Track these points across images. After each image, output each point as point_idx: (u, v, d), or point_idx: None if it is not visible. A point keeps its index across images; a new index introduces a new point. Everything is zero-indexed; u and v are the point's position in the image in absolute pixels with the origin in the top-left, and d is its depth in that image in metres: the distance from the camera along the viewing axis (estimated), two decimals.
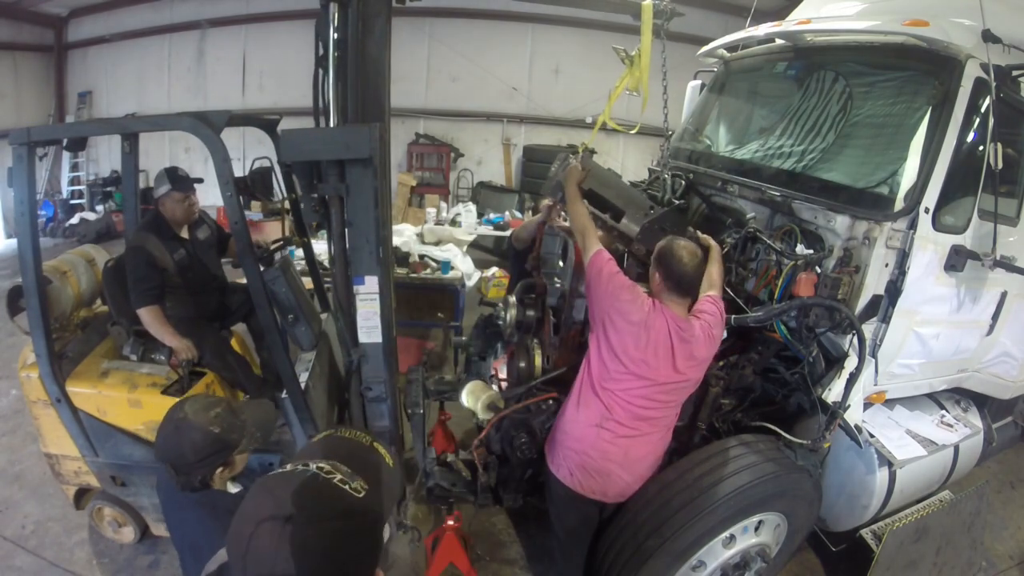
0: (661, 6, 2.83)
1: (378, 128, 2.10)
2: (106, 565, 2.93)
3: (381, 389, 2.43)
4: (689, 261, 2.14)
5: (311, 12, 2.12)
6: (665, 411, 2.28)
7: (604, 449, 2.24)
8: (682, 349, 2.11)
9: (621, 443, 2.24)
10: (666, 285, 2.16)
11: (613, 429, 2.22)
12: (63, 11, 9.54)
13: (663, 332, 2.09)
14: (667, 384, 2.16)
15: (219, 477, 1.61)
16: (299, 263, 3.78)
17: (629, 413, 2.20)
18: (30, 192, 2.34)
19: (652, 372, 2.12)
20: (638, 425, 2.23)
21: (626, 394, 2.17)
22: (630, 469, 2.30)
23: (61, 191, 9.90)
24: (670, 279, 2.15)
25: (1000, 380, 3.02)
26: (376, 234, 2.20)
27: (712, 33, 3.95)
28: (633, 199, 2.67)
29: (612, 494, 2.33)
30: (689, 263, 2.14)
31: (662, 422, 2.30)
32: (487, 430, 2.65)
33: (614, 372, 2.16)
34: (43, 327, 2.47)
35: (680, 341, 2.10)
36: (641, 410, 2.20)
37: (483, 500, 2.84)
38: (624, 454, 2.26)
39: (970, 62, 2.27)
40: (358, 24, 2.19)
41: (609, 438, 2.23)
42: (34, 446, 3.25)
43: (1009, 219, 2.54)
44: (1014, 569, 3.29)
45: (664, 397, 2.21)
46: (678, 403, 2.32)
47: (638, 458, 2.30)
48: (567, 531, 2.46)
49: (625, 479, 2.31)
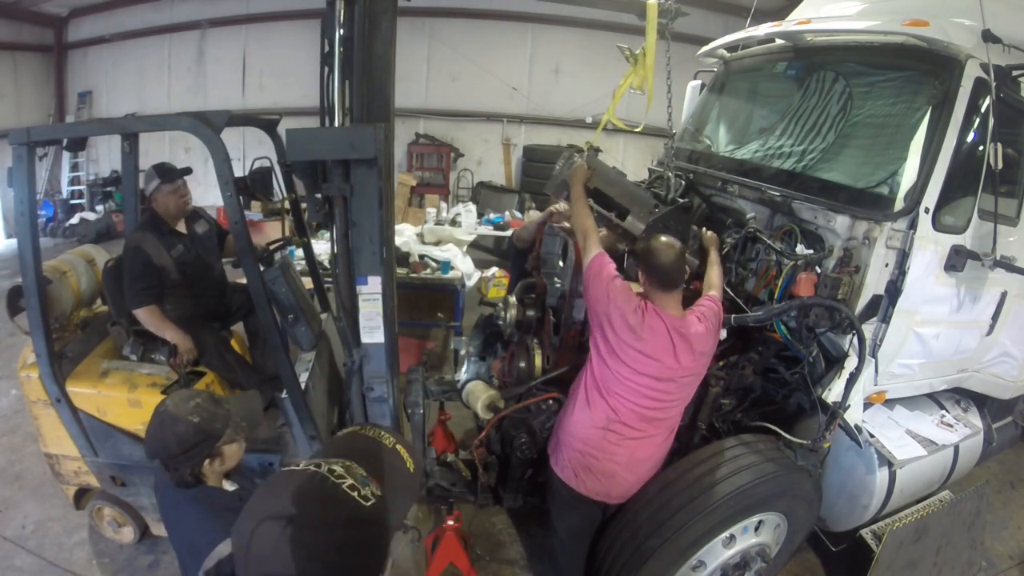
0: (666, 5, 2.82)
1: (383, 128, 2.11)
2: (106, 565, 2.93)
3: (383, 389, 2.43)
4: (665, 253, 2.15)
5: (311, 12, 2.13)
6: (670, 411, 2.29)
7: (610, 451, 2.25)
8: (681, 342, 2.12)
9: (627, 445, 2.25)
10: (651, 282, 2.18)
11: (619, 431, 2.23)
12: (63, 11, 9.55)
13: (661, 329, 2.11)
14: (669, 380, 2.17)
15: (211, 471, 1.61)
16: (299, 263, 3.78)
17: (635, 415, 2.21)
18: (30, 192, 2.34)
19: (653, 368, 2.13)
20: (644, 427, 2.24)
21: (631, 395, 2.18)
22: (634, 470, 2.31)
23: (61, 191, 9.90)
24: (652, 276, 2.17)
25: (1000, 380, 3.02)
26: (380, 234, 2.20)
27: (712, 33, 3.94)
28: (638, 198, 2.67)
29: (616, 495, 2.34)
30: (665, 256, 2.14)
31: (666, 423, 2.31)
32: (487, 430, 2.65)
33: (616, 372, 2.17)
34: (43, 327, 2.47)
35: (678, 335, 2.12)
36: (646, 411, 2.21)
37: (483, 500, 2.85)
38: (630, 455, 2.27)
39: (970, 62, 2.27)
40: (364, 22, 2.19)
41: (615, 440, 2.23)
42: (34, 446, 3.25)
43: (1009, 219, 2.54)
44: (1014, 569, 3.29)
45: (668, 396, 2.21)
46: (683, 401, 2.33)
47: (642, 459, 2.31)
48: (569, 532, 2.47)
49: (629, 480, 2.32)
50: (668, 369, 2.14)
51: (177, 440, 1.54)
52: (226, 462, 1.65)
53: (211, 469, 1.61)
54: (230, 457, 1.65)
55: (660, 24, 2.79)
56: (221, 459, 1.63)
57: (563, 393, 2.54)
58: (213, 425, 1.59)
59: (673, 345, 2.12)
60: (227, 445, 1.63)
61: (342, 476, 0.82)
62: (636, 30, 2.87)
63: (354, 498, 0.80)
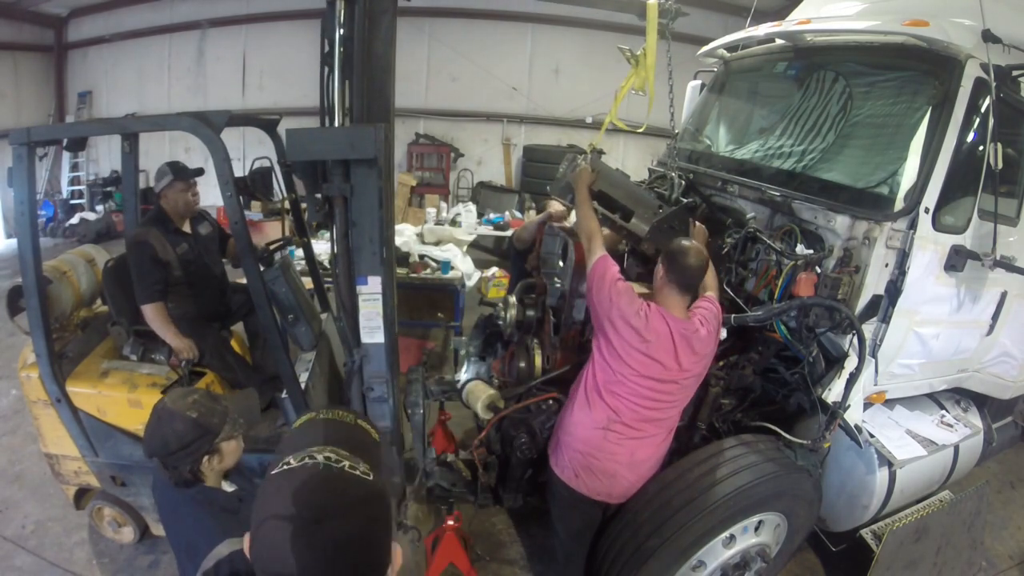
0: (666, 5, 2.82)
1: (383, 128, 2.11)
2: (106, 565, 2.93)
3: (383, 389, 2.44)
4: (696, 261, 2.18)
5: (311, 12, 2.13)
6: (670, 411, 2.29)
7: (611, 451, 2.25)
8: (684, 345, 2.13)
9: (628, 444, 2.25)
10: (669, 278, 2.19)
11: (620, 431, 2.23)
12: (63, 11, 9.55)
13: (664, 331, 2.11)
14: (671, 382, 2.18)
15: (209, 469, 1.61)
16: (299, 263, 3.78)
17: (636, 415, 2.21)
18: (30, 192, 2.34)
19: (656, 371, 2.13)
20: (644, 427, 2.24)
21: (632, 395, 2.18)
22: (635, 470, 2.32)
23: (61, 191, 9.90)
24: (674, 273, 2.18)
25: (1000, 380, 3.02)
26: (380, 234, 2.20)
27: (712, 33, 3.94)
28: (642, 199, 2.69)
29: (616, 495, 2.35)
30: (695, 262, 2.18)
31: (667, 423, 2.31)
32: (487, 430, 2.65)
33: (619, 374, 2.17)
34: (43, 327, 2.47)
35: (681, 338, 2.12)
36: (647, 411, 2.21)
37: (483, 500, 2.85)
38: (630, 455, 2.27)
39: (970, 62, 2.27)
40: (364, 22, 2.19)
41: (616, 439, 2.24)
42: (34, 446, 3.25)
43: (1009, 219, 2.54)
44: (1014, 569, 3.29)
45: (669, 397, 2.22)
46: (683, 402, 2.34)
47: (643, 459, 2.32)
48: (569, 532, 2.47)
49: (630, 479, 2.33)
50: (670, 371, 2.15)
51: (175, 436, 1.54)
52: (225, 460, 1.64)
53: (210, 467, 1.61)
54: (229, 455, 1.65)
55: (660, 24, 2.79)
56: (220, 456, 1.62)
57: (563, 393, 2.54)
58: (211, 420, 1.59)
59: (675, 348, 2.12)
60: (225, 442, 1.63)
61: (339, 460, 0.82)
62: (636, 30, 2.86)
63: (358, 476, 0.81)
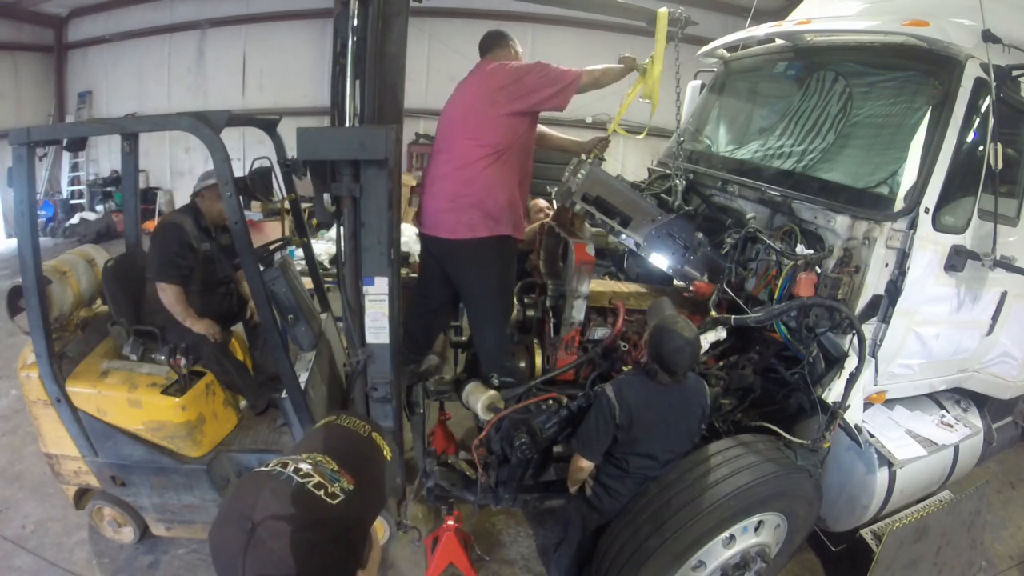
0: (676, 14, 2.81)
1: (394, 130, 2.12)
2: (106, 565, 2.93)
3: (387, 389, 2.44)
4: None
5: (311, 12, 2.13)
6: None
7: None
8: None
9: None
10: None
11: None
12: (63, 11, 9.55)
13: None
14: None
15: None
16: (299, 263, 3.77)
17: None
18: (30, 192, 2.34)
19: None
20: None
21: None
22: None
23: (61, 191, 9.91)
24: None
25: (1000, 380, 3.02)
26: (388, 235, 2.21)
27: (712, 33, 3.94)
28: (640, 206, 2.69)
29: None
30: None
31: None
32: (487, 430, 2.65)
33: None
34: (43, 327, 2.47)
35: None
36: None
37: (483, 500, 2.84)
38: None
39: (970, 62, 2.27)
40: (378, 23, 2.20)
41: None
42: (34, 446, 3.25)
43: (1009, 219, 2.55)
44: (1014, 569, 3.29)
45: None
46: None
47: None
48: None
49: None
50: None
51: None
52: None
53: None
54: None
55: (671, 32, 2.78)
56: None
57: (563, 393, 2.54)
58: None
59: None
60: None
61: (308, 475, 0.81)
62: (636, 31, 2.86)
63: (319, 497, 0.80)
